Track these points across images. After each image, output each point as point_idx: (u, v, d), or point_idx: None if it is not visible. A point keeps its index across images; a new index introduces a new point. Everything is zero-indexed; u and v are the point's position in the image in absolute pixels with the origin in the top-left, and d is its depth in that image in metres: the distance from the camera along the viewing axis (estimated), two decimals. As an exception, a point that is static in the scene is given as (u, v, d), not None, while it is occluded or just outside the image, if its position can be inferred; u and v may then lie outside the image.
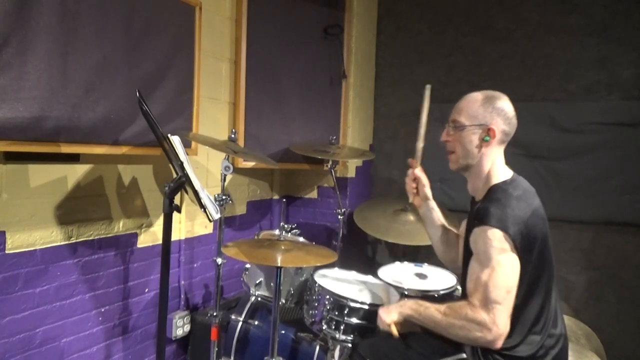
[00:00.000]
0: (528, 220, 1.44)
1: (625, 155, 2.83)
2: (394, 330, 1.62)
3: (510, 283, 1.40)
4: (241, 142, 2.71)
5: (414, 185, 1.88)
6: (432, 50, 3.42)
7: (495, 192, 1.52)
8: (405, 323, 1.98)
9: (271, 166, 3.00)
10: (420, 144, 1.84)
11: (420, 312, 1.55)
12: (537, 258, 1.47)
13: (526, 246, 1.43)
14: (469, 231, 1.54)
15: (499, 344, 1.40)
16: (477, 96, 1.60)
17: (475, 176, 1.63)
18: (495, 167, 1.59)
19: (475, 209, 1.56)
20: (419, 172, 1.85)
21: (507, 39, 3.17)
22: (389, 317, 1.62)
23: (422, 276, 2.32)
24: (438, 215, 1.87)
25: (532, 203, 1.51)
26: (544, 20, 3.06)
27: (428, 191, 1.88)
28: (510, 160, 1.63)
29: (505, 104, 1.57)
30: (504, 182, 1.56)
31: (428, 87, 1.84)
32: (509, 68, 3.16)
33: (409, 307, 1.59)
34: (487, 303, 1.38)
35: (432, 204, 1.87)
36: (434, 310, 1.50)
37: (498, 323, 1.37)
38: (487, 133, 1.55)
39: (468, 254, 1.54)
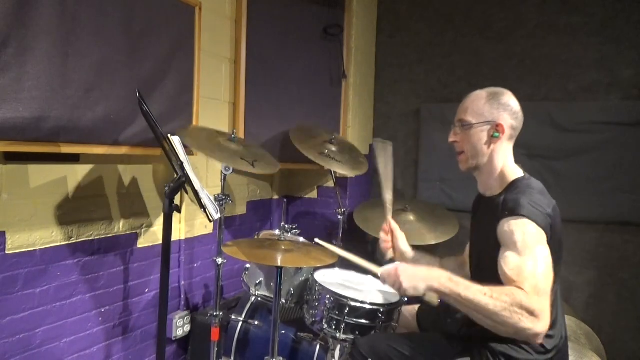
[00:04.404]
0: (551, 216, 1.43)
1: (625, 155, 2.82)
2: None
3: (551, 274, 1.35)
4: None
5: (389, 239, 1.87)
6: (432, 50, 3.41)
7: (518, 187, 1.50)
8: (405, 324, 1.97)
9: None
10: (388, 196, 1.81)
11: (459, 292, 1.34)
12: (553, 254, 1.42)
13: (550, 241, 1.40)
14: (490, 223, 1.47)
15: (541, 339, 1.32)
16: (481, 94, 1.60)
17: (487, 174, 1.60)
18: (508, 164, 1.58)
19: (501, 200, 1.49)
20: (393, 224, 1.85)
21: (507, 39, 3.16)
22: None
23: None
24: (430, 260, 1.84)
25: (551, 200, 1.50)
26: (544, 20, 3.06)
27: (404, 245, 1.85)
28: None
29: (510, 99, 1.57)
30: (523, 178, 1.55)
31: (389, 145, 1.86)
32: (509, 68, 3.16)
33: (442, 284, 1.38)
34: (539, 291, 1.28)
35: (416, 256, 1.83)
36: (477, 291, 1.32)
37: (546, 314, 1.28)
38: (496, 129, 1.55)
39: (488, 247, 1.46)
